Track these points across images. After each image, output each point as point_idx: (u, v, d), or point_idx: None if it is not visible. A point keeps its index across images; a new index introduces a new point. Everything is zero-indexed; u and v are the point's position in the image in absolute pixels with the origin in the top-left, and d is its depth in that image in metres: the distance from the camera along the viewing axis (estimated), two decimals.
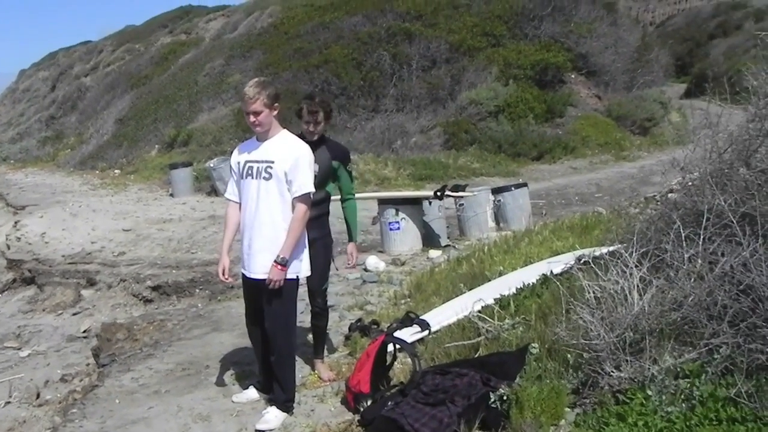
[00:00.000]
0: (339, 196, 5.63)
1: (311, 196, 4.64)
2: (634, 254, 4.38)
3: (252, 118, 4.58)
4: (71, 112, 36.95)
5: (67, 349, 7.92)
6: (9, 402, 6.38)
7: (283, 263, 4.57)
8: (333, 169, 5.40)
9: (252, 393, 5.15)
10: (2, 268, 13.07)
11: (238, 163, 4.78)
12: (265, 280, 4.63)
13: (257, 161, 4.67)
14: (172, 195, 17.79)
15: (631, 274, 4.24)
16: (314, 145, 5.09)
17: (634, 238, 4.60)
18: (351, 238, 5.73)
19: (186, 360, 6.28)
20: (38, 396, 6.47)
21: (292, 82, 22.60)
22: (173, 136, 23.42)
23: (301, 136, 5.02)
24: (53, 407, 6.16)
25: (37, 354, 7.99)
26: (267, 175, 4.61)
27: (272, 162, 4.59)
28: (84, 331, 8.91)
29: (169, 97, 27.80)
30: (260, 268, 4.67)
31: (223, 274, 4.90)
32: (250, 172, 4.69)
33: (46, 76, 53.62)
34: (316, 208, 5.33)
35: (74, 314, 9.91)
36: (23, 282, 12.06)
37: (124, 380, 5.83)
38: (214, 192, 17.44)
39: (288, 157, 4.56)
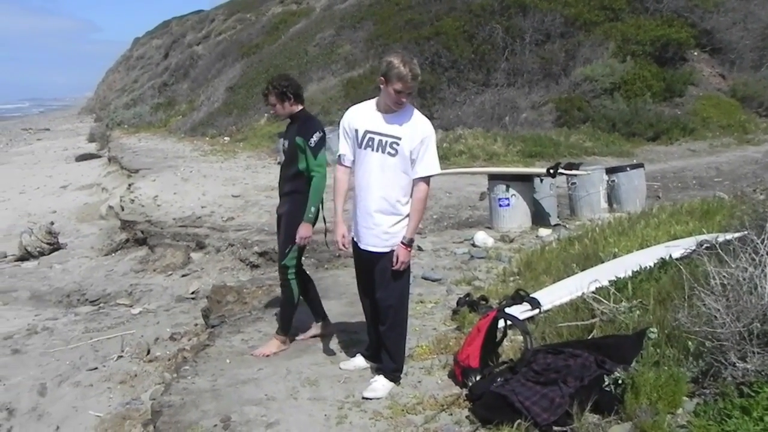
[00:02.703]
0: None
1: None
2: (766, 241, 4.15)
3: (404, 99, 4.53)
4: (183, 80, 38.16)
5: (176, 308, 8.17)
6: (121, 356, 6.64)
7: (409, 244, 4.60)
8: (298, 145, 5.45)
9: (359, 361, 5.19)
10: (116, 228, 13.66)
11: (356, 130, 4.69)
12: (378, 252, 4.66)
13: (381, 134, 4.58)
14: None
15: (761, 262, 4.02)
16: (288, 124, 5.66)
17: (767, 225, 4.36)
18: (289, 219, 5.55)
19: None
20: (148, 352, 6.70)
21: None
22: None
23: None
24: (163, 364, 6.38)
25: (147, 312, 8.28)
26: (392, 151, 4.54)
27: (399, 139, 4.53)
28: (192, 293, 9.18)
29: (278, 67, 28.21)
30: (374, 240, 4.68)
31: (343, 244, 4.91)
32: (370, 143, 4.62)
33: (159, 44, 55.59)
34: (288, 184, 5.58)
35: (183, 276, 10.21)
36: (136, 242, 12.51)
37: (234, 341, 5.97)
38: None
39: (416, 136, 4.52)
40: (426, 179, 4.58)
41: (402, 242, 4.57)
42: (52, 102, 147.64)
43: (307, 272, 6.06)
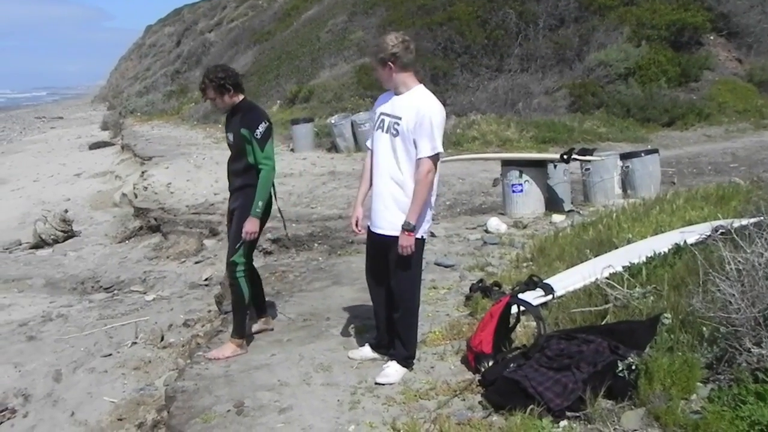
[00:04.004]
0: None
1: (439, 157, 4.51)
2: None
3: (377, 75, 4.70)
4: (195, 67, 38.21)
5: (190, 295, 8.20)
6: (135, 342, 6.67)
7: (410, 229, 4.49)
8: (244, 137, 5.27)
9: (367, 351, 5.15)
10: (130, 215, 13.71)
11: (374, 113, 4.78)
12: (387, 236, 4.63)
13: (389, 115, 4.62)
14: (293, 150, 18.12)
15: None
16: (229, 116, 5.43)
17: None
18: (242, 213, 5.34)
19: (307, 311, 6.39)
20: (162, 338, 6.73)
21: (414, 40, 22.20)
22: (295, 92, 23.80)
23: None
24: (177, 350, 6.41)
25: (161, 299, 8.31)
26: (395, 132, 4.56)
27: (400, 118, 4.54)
28: (206, 279, 9.19)
29: (291, 53, 28.22)
30: (383, 222, 4.66)
31: (356, 226, 4.90)
32: (381, 124, 4.66)
33: (171, 31, 55.74)
34: (239, 178, 5.39)
35: (196, 262, 10.22)
36: (149, 230, 12.53)
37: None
38: (334, 148, 17.67)
39: (413, 116, 4.48)
40: (426, 160, 4.45)
41: (403, 227, 4.49)
42: (66, 90, 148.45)
43: (257, 269, 5.93)
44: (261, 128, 5.23)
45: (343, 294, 6.79)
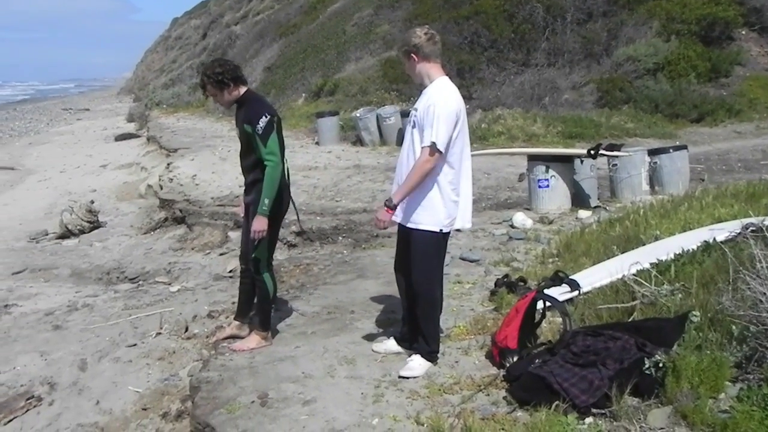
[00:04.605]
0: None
1: (437, 147, 4.41)
2: None
3: (407, 70, 4.79)
4: None
5: (214, 287, 8.20)
6: (160, 333, 6.68)
7: (389, 206, 4.50)
8: (247, 133, 5.18)
9: (391, 344, 5.15)
10: (155, 207, 13.79)
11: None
12: (404, 227, 4.67)
13: (415, 109, 4.69)
14: (317, 143, 18.13)
15: None
16: (237, 110, 5.36)
17: None
18: (255, 209, 5.20)
19: (331, 304, 6.40)
20: (187, 329, 6.73)
21: (441, 34, 21.88)
22: (320, 85, 23.79)
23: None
24: (201, 341, 6.41)
25: (185, 290, 8.31)
26: (413, 123, 4.63)
27: (416, 110, 4.62)
28: (230, 271, 9.19)
29: (316, 47, 28.22)
30: (401, 212, 4.65)
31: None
32: (410, 119, 4.74)
33: (197, 24, 55.99)
34: (250, 174, 5.32)
35: (221, 254, 10.23)
36: (174, 221, 12.57)
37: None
38: (359, 142, 17.65)
39: (423, 106, 4.53)
40: (426, 149, 4.42)
41: (385, 202, 4.54)
42: (92, 82, 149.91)
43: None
44: (262, 123, 5.09)
45: (367, 287, 6.78)
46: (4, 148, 27.49)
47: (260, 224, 5.16)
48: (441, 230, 4.64)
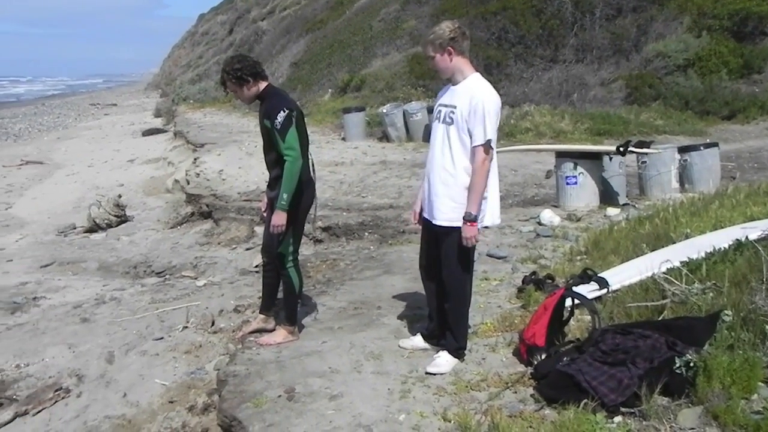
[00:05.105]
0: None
1: (491, 145, 4.45)
2: None
3: (431, 65, 4.72)
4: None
5: (240, 281, 8.23)
6: (186, 327, 6.72)
7: (471, 219, 4.46)
8: (267, 127, 5.18)
9: (418, 340, 5.13)
10: (182, 202, 13.85)
11: (436, 106, 4.78)
12: (440, 227, 4.61)
13: (445, 105, 4.63)
14: (344, 139, 18.13)
15: None
16: (259, 105, 5.35)
17: None
18: (276, 205, 5.19)
19: (358, 299, 6.39)
20: (213, 323, 6.76)
21: (468, 29, 22.21)
22: (346, 81, 23.78)
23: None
24: (227, 335, 6.44)
25: (212, 284, 8.35)
26: (450, 120, 4.55)
27: (455, 107, 4.53)
28: (256, 266, 9.20)
29: (343, 42, 28.22)
30: (437, 213, 4.63)
31: (414, 218, 4.99)
32: (438, 115, 4.66)
33: (224, 19, 56.21)
34: (274, 169, 5.31)
35: (247, 249, 10.24)
36: (201, 216, 12.61)
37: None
38: (385, 137, 17.63)
39: (467, 104, 4.46)
40: (480, 148, 4.43)
41: (464, 218, 4.47)
42: (119, 78, 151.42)
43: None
44: (280, 118, 5.08)
45: (394, 283, 6.76)
46: (33, 143, 27.80)
47: (279, 219, 5.17)
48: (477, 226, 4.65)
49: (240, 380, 4.83)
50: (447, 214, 4.56)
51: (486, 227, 4.75)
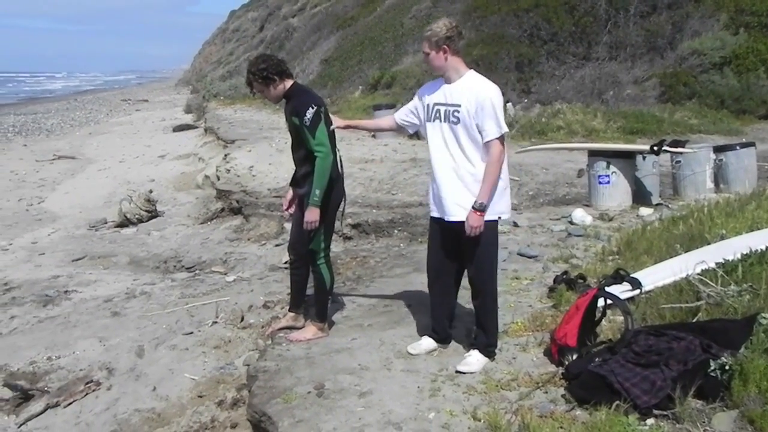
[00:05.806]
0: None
1: (504, 137, 4.51)
2: None
3: (426, 62, 4.76)
4: (278, 52, 38.50)
5: (270, 277, 8.24)
6: (216, 322, 6.75)
7: (481, 209, 4.48)
8: (296, 125, 5.16)
9: (427, 343, 5.09)
10: (212, 197, 13.92)
11: (427, 105, 4.76)
12: (458, 222, 4.59)
13: (445, 104, 4.63)
14: (374, 136, 18.07)
15: None
16: (286, 104, 5.35)
17: None
18: (308, 201, 5.19)
19: (388, 297, 6.37)
20: (242, 319, 6.78)
21: (500, 27, 22.15)
22: (377, 77, 23.76)
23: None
24: (256, 330, 6.45)
25: (241, 280, 8.37)
26: (455, 119, 4.57)
27: (459, 106, 4.55)
28: (285, 262, 9.22)
29: (374, 39, 28.21)
30: (456, 209, 4.61)
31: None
32: (438, 114, 4.67)
33: (255, 16, 56.48)
34: (303, 166, 5.28)
35: (277, 245, 10.24)
36: (231, 212, 12.63)
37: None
38: (416, 135, 17.50)
39: (473, 101, 4.48)
40: (494, 142, 4.46)
41: (473, 207, 4.48)
42: (150, 74, 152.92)
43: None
44: (309, 114, 5.08)
45: (423, 281, 6.63)
46: (65, 138, 28.14)
47: (312, 215, 5.18)
48: (499, 217, 4.71)
49: (270, 376, 4.83)
50: (460, 210, 4.59)
51: (499, 218, 4.72)
